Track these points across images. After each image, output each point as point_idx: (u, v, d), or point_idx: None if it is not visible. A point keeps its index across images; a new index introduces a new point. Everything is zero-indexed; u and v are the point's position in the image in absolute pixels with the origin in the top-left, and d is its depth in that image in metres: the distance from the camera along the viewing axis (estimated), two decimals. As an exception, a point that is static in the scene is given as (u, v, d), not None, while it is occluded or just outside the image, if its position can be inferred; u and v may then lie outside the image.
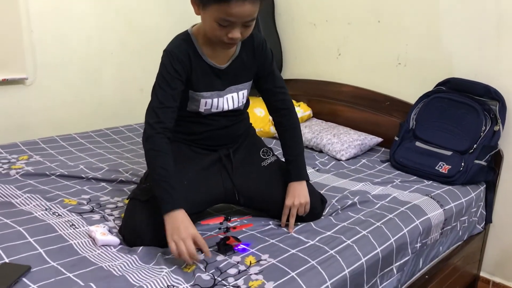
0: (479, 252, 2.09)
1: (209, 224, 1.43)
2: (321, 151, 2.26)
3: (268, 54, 1.48)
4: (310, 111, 2.55)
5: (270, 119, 2.42)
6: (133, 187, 1.60)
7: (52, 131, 2.32)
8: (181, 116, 1.47)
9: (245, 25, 1.26)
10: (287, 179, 1.48)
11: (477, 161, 1.88)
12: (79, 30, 2.42)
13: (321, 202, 1.53)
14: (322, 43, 2.59)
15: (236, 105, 1.47)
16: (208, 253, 1.19)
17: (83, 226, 1.36)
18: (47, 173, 1.74)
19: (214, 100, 1.42)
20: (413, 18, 2.20)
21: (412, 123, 2.10)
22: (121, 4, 2.56)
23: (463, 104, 1.97)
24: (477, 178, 1.91)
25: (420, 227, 1.55)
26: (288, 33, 2.74)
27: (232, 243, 1.27)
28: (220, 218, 1.47)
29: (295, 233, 1.39)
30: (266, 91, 1.52)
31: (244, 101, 1.51)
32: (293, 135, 1.53)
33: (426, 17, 2.16)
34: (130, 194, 1.40)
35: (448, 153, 1.93)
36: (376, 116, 2.36)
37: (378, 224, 1.47)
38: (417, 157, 1.99)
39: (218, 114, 1.47)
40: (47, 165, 1.82)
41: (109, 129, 2.39)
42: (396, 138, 2.11)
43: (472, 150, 1.91)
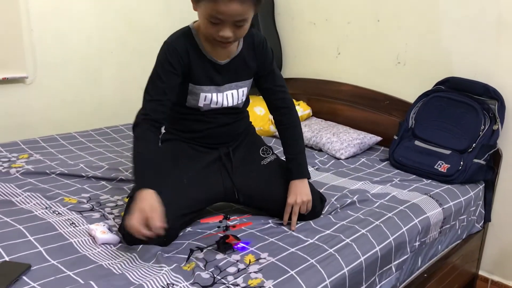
0: (478, 251, 2.09)
1: (209, 223, 1.43)
2: (321, 150, 2.26)
3: (269, 53, 1.49)
4: (310, 110, 2.55)
5: (270, 118, 2.42)
6: (133, 186, 1.60)
7: (52, 130, 2.32)
8: (181, 114, 1.47)
9: (237, 25, 1.26)
10: (289, 177, 1.48)
11: (476, 160, 1.88)
12: (79, 29, 2.42)
13: (321, 201, 1.54)
14: (322, 42, 2.60)
15: (236, 102, 1.48)
16: (160, 231, 1.20)
17: (83, 225, 1.36)
18: (47, 172, 1.74)
19: (213, 95, 1.43)
20: (413, 18, 2.21)
21: (411, 122, 2.10)
22: (121, 4, 2.56)
23: (462, 103, 1.97)
24: (476, 177, 1.91)
25: (419, 226, 1.55)
26: (288, 32, 2.75)
27: (232, 242, 1.28)
28: (220, 217, 1.47)
29: (294, 232, 1.39)
30: (266, 90, 1.53)
31: (244, 99, 1.51)
32: (294, 134, 1.53)
33: (426, 17, 2.16)
34: (130, 193, 1.40)
35: (447, 152, 1.94)
36: (376, 115, 2.36)
37: (377, 223, 1.47)
38: (416, 156, 1.99)
39: (218, 112, 1.47)
40: (47, 164, 1.82)
41: (109, 128, 2.39)
42: (396, 137, 2.11)
43: (471, 149, 1.91)
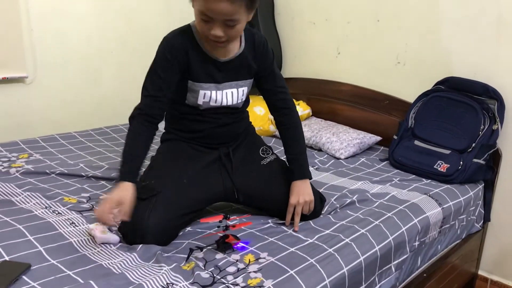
0: (478, 251, 2.10)
1: (209, 222, 1.43)
2: (320, 150, 2.27)
3: (269, 54, 1.49)
4: (310, 110, 2.56)
5: (270, 118, 2.42)
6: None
7: (52, 130, 2.32)
8: (181, 113, 1.48)
9: (227, 24, 1.26)
10: (290, 178, 1.48)
11: (476, 160, 1.88)
12: (79, 29, 2.42)
13: (320, 201, 1.54)
14: (322, 42, 2.60)
15: (235, 101, 1.48)
16: (127, 217, 1.23)
17: (83, 224, 1.36)
18: (47, 172, 1.74)
19: (213, 93, 1.43)
20: (413, 18, 2.21)
21: (411, 122, 2.11)
22: (121, 4, 2.56)
23: (462, 103, 1.98)
24: (476, 177, 1.91)
25: (419, 226, 1.56)
26: (288, 32, 2.75)
27: (231, 241, 1.28)
28: (220, 217, 1.47)
29: (294, 232, 1.40)
30: (267, 91, 1.53)
31: (244, 98, 1.51)
32: (295, 134, 1.54)
33: (426, 17, 2.16)
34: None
35: (447, 152, 1.94)
36: (375, 115, 2.36)
37: (377, 223, 1.48)
38: (416, 156, 1.99)
39: (218, 112, 1.47)
40: (47, 164, 1.82)
41: (109, 128, 2.39)
42: (395, 137, 2.11)
43: (471, 149, 1.91)
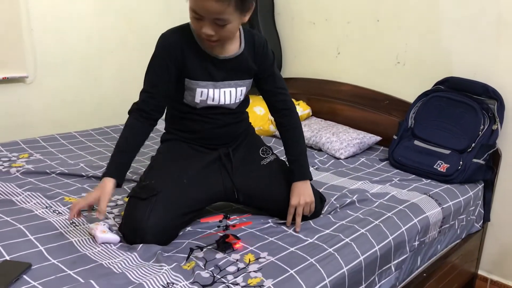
0: (477, 251, 2.10)
1: (209, 222, 1.44)
2: (320, 150, 2.27)
3: (269, 55, 1.49)
4: (310, 110, 2.56)
5: (270, 118, 2.42)
6: (133, 185, 1.61)
7: (52, 130, 2.33)
8: (181, 113, 1.48)
9: (217, 24, 1.26)
10: (291, 179, 1.48)
11: (475, 160, 1.88)
12: (79, 29, 2.43)
13: (320, 201, 1.54)
14: (322, 42, 2.60)
15: (233, 101, 1.48)
16: (102, 214, 1.26)
17: (83, 224, 1.36)
18: (48, 171, 1.74)
19: (210, 91, 1.43)
20: (413, 18, 2.21)
21: (411, 122, 2.11)
22: (121, 4, 2.56)
23: (462, 103, 1.98)
24: (475, 177, 1.92)
25: (418, 226, 1.56)
26: (288, 32, 2.75)
27: (231, 241, 1.28)
28: (220, 216, 1.47)
29: (294, 231, 1.40)
30: (267, 92, 1.53)
31: (242, 98, 1.51)
32: (295, 135, 1.54)
33: (425, 17, 2.16)
34: (130, 192, 1.40)
35: (447, 152, 1.94)
36: (375, 115, 2.36)
37: (377, 223, 1.48)
38: (416, 156, 1.99)
39: (218, 112, 1.47)
40: (48, 163, 1.82)
41: (109, 128, 2.39)
42: (395, 137, 2.11)
43: (471, 149, 1.91)
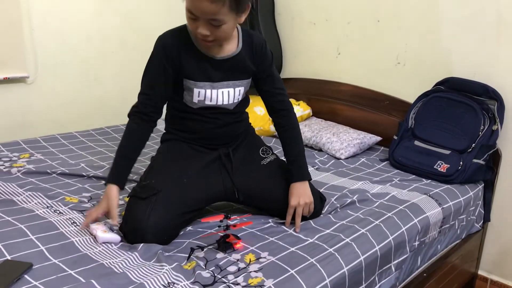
0: (477, 251, 2.10)
1: (209, 222, 1.44)
2: (321, 150, 2.27)
3: (268, 55, 1.49)
4: (310, 110, 2.56)
5: (270, 118, 2.42)
6: (133, 185, 1.61)
7: (53, 130, 2.33)
8: (181, 113, 1.48)
9: (212, 24, 1.26)
10: (290, 180, 1.48)
11: (476, 160, 1.89)
12: (80, 29, 2.43)
13: (320, 200, 1.54)
14: (322, 42, 2.60)
15: (232, 101, 1.48)
16: (114, 220, 1.31)
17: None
18: (48, 171, 1.74)
19: (208, 91, 1.43)
20: (413, 18, 2.21)
21: (411, 122, 2.11)
22: (122, 4, 2.57)
23: (462, 104, 1.98)
24: (476, 177, 1.92)
25: (419, 226, 1.56)
26: (288, 32, 2.75)
27: (232, 241, 1.28)
28: (220, 216, 1.48)
29: (294, 231, 1.40)
30: (265, 92, 1.53)
31: (240, 98, 1.51)
32: (293, 135, 1.54)
33: (426, 17, 2.16)
34: (131, 192, 1.41)
35: (447, 152, 1.94)
36: (375, 115, 2.37)
37: (377, 223, 1.48)
38: (416, 156, 2.00)
39: (217, 112, 1.48)
40: (48, 163, 1.83)
41: (110, 128, 2.40)
42: (395, 137, 2.12)
43: (471, 149, 1.92)
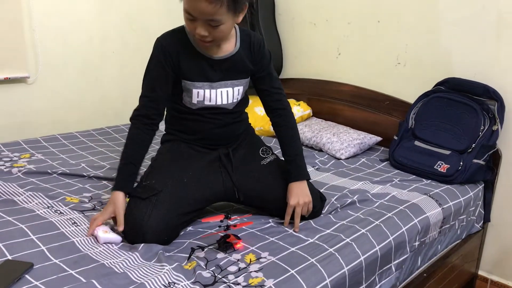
0: (478, 251, 2.10)
1: (210, 222, 1.44)
2: (321, 150, 2.27)
3: (266, 54, 1.50)
4: (310, 110, 2.56)
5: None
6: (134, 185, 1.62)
7: (54, 130, 2.34)
8: (180, 113, 1.48)
9: (210, 24, 1.26)
10: (288, 179, 1.48)
11: (476, 161, 1.89)
12: (81, 29, 2.43)
13: (321, 200, 1.54)
14: (322, 43, 2.60)
15: (231, 101, 1.48)
16: (120, 227, 1.31)
17: (85, 224, 1.37)
18: (49, 171, 1.75)
19: (207, 92, 1.43)
20: (413, 18, 2.21)
21: (411, 123, 2.11)
22: (123, 4, 2.57)
23: (462, 104, 1.98)
24: (476, 177, 1.92)
25: (419, 226, 1.56)
26: (288, 33, 2.75)
27: (232, 241, 1.29)
28: (221, 216, 1.48)
29: (295, 231, 1.40)
30: (263, 92, 1.54)
31: (239, 98, 1.52)
32: (291, 135, 1.54)
33: (426, 17, 2.17)
34: (131, 192, 1.41)
35: (447, 153, 1.94)
36: (376, 116, 2.37)
37: (377, 223, 1.48)
38: (416, 156, 2.00)
39: (217, 112, 1.48)
40: (49, 163, 1.83)
41: (111, 128, 2.40)
42: (395, 137, 2.12)
43: (471, 150, 1.92)
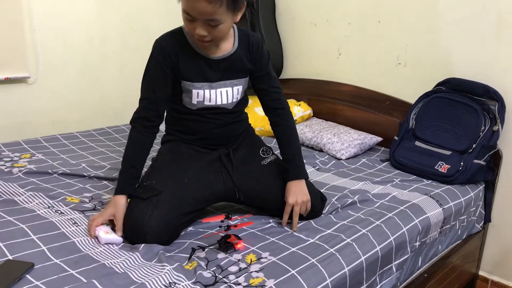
0: (478, 251, 2.10)
1: (210, 222, 1.44)
2: (321, 150, 2.27)
3: (264, 53, 1.50)
4: (311, 110, 2.56)
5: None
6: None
7: (54, 130, 2.34)
8: (180, 114, 1.49)
9: (210, 24, 1.27)
10: (286, 178, 1.48)
11: (476, 161, 1.89)
12: (81, 29, 2.43)
13: (321, 200, 1.55)
14: (323, 43, 2.60)
15: (230, 100, 1.48)
16: (119, 233, 1.31)
17: (86, 224, 1.37)
18: (50, 171, 1.75)
19: (206, 92, 1.43)
20: (413, 18, 2.21)
21: (412, 123, 2.11)
22: (123, 4, 2.57)
23: (463, 104, 1.98)
24: (476, 178, 1.92)
25: (419, 226, 1.56)
26: (289, 33, 2.75)
27: (233, 241, 1.29)
28: (221, 216, 1.48)
29: (295, 232, 1.40)
30: (261, 91, 1.54)
31: (239, 97, 1.52)
32: (289, 134, 1.54)
33: (426, 17, 2.17)
34: (132, 193, 1.41)
35: (448, 153, 1.94)
36: (376, 116, 2.37)
37: (378, 223, 1.48)
38: (417, 157, 2.00)
39: (217, 112, 1.48)
40: (49, 164, 1.83)
41: (111, 128, 2.40)
42: (396, 138, 2.12)
43: (471, 150, 1.92)
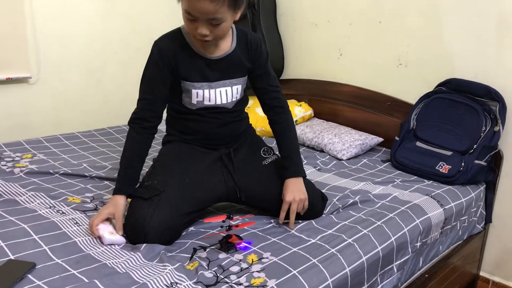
0: (479, 252, 2.10)
1: (212, 222, 1.45)
2: (322, 151, 2.27)
3: (263, 52, 1.50)
4: (312, 111, 2.56)
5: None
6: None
7: (56, 130, 2.34)
8: (180, 114, 1.49)
9: (212, 23, 1.27)
10: (284, 176, 1.49)
11: (477, 161, 1.89)
12: (83, 30, 2.44)
13: (322, 200, 1.55)
14: (324, 43, 2.61)
15: (230, 100, 1.48)
16: (119, 232, 1.31)
17: (87, 224, 1.37)
18: (51, 172, 1.75)
19: (206, 92, 1.44)
20: (414, 19, 2.21)
21: (413, 123, 2.11)
22: (125, 5, 2.57)
23: (464, 105, 1.98)
24: (477, 178, 1.92)
25: (420, 226, 1.56)
26: (290, 33, 2.76)
27: (234, 241, 1.29)
28: (223, 216, 1.48)
29: (297, 232, 1.40)
30: (260, 90, 1.54)
31: (238, 97, 1.52)
32: (287, 132, 1.54)
33: (427, 18, 2.17)
34: (133, 193, 1.41)
35: (449, 153, 1.95)
36: (377, 116, 2.37)
37: (379, 223, 1.48)
38: (418, 157, 2.00)
39: (217, 112, 1.48)
40: (51, 164, 1.83)
41: (112, 128, 2.40)
42: (397, 138, 2.12)
43: (472, 150, 1.92)
